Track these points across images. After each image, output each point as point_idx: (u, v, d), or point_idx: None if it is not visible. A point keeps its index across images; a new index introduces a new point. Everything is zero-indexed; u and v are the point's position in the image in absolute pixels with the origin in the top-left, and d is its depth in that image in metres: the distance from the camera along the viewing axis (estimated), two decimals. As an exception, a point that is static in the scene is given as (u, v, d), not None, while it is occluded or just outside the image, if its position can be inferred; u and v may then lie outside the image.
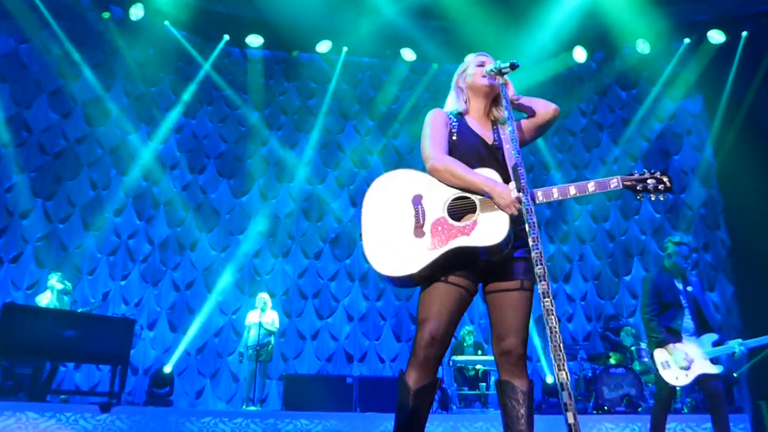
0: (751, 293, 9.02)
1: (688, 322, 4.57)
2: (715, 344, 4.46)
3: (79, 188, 9.66)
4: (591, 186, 2.34)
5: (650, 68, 10.78)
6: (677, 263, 4.68)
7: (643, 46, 10.19)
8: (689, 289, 4.65)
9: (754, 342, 4.53)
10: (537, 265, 2.03)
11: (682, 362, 4.38)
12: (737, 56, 9.80)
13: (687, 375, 4.39)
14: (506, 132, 2.53)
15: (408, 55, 10.76)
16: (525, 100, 2.62)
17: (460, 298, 2.34)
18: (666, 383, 4.45)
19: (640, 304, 4.79)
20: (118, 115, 10.03)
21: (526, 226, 2.13)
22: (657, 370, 4.53)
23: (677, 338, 4.49)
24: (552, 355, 1.90)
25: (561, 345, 1.90)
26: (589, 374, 8.06)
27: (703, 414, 6.77)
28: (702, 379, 4.43)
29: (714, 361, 4.41)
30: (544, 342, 8.62)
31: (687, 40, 10.20)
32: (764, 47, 9.51)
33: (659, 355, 4.50)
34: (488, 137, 2.58)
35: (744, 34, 9.75)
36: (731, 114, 9.73)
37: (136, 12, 9.55)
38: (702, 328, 4.56)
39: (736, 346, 4.42)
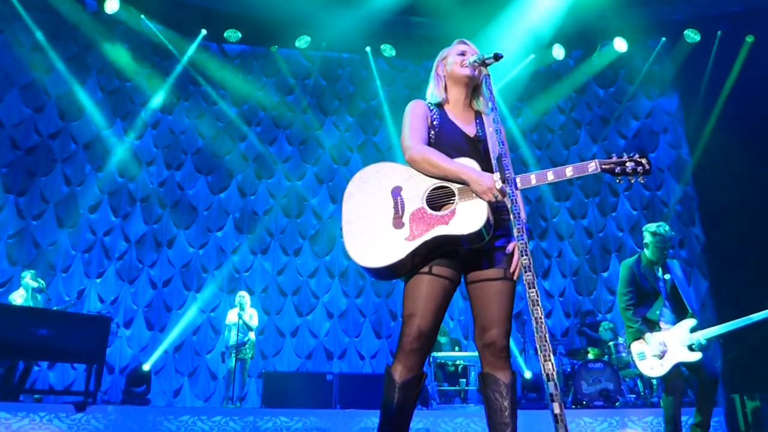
0: (726, 288, 9.15)
1: (666, 311, 4.46)
2: (693, 330, 4.28)
3: (53, 184, 9.46)
4: (569, 170, 2.31)
5: (627, 66, 10.92)
6: (654, 252, 4.60)
7: (620, 45, 10.30)
8: (667, 276, 4.54)
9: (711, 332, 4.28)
10: (522, 255, 2.02)
11: (657, 350, 4.27)
12: (712, 55, 9.96)
13: (662, 365, 4.27)
14: (490, 123, 2.51)
15: (388, 51, 10.73)
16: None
17: (445, 290, 2.32)
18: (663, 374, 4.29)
19: (617, 292, 4.63)
20: (93, 110, 9.85)
21: (511, 216, 2.12)
22: (634, 362, 4.43)
23: (653, 328, 4.40)
24: (537, 346, 1.88)
25: (546, 336, 1.88)
26: (568, 369, 8.11)
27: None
28: (696, 367, 4.26)
29: (692, 347, 4.24)
30: (525, 338, 8.65)
31: (663, 39, 10.34)
32: (738, 47, 9.70)
33: (636, 346, 4.41)
34: (470, 130, 2.56)
35: (719, 33, 9.90)
36: (706, 112, 9.89)
37: (111, 5, 9.35)
38: (681, 315, 4.42)
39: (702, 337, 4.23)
